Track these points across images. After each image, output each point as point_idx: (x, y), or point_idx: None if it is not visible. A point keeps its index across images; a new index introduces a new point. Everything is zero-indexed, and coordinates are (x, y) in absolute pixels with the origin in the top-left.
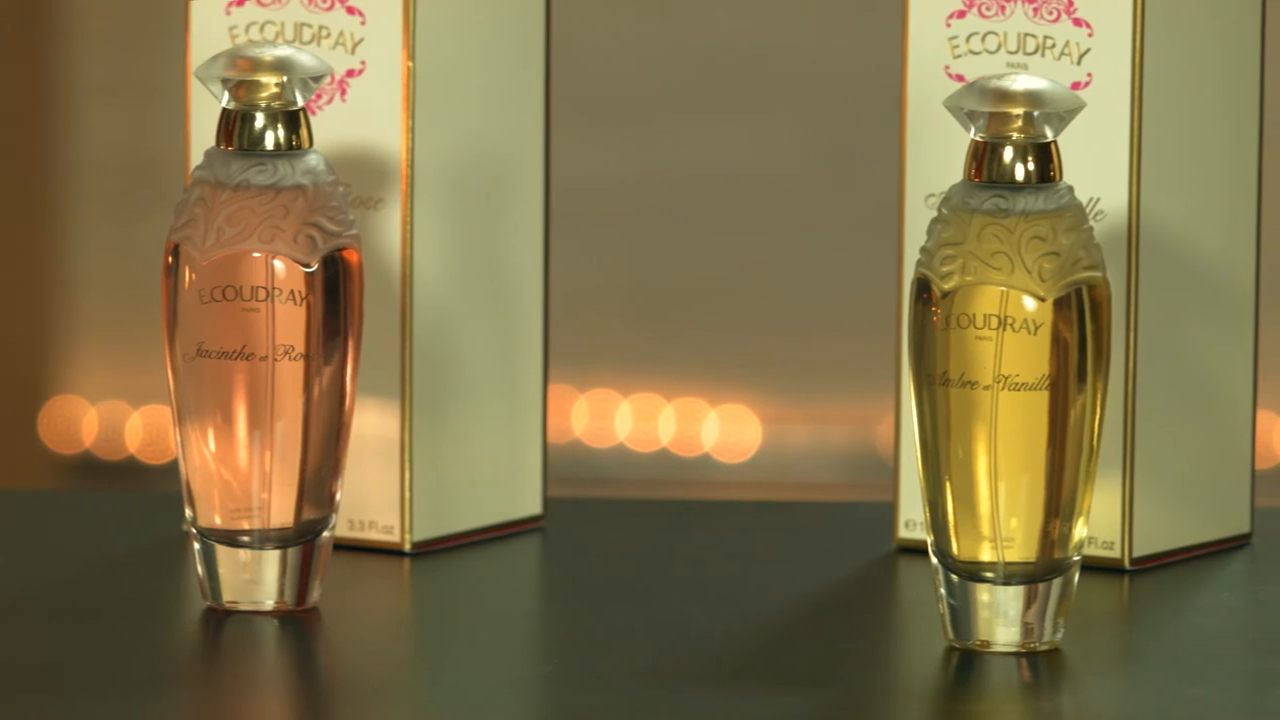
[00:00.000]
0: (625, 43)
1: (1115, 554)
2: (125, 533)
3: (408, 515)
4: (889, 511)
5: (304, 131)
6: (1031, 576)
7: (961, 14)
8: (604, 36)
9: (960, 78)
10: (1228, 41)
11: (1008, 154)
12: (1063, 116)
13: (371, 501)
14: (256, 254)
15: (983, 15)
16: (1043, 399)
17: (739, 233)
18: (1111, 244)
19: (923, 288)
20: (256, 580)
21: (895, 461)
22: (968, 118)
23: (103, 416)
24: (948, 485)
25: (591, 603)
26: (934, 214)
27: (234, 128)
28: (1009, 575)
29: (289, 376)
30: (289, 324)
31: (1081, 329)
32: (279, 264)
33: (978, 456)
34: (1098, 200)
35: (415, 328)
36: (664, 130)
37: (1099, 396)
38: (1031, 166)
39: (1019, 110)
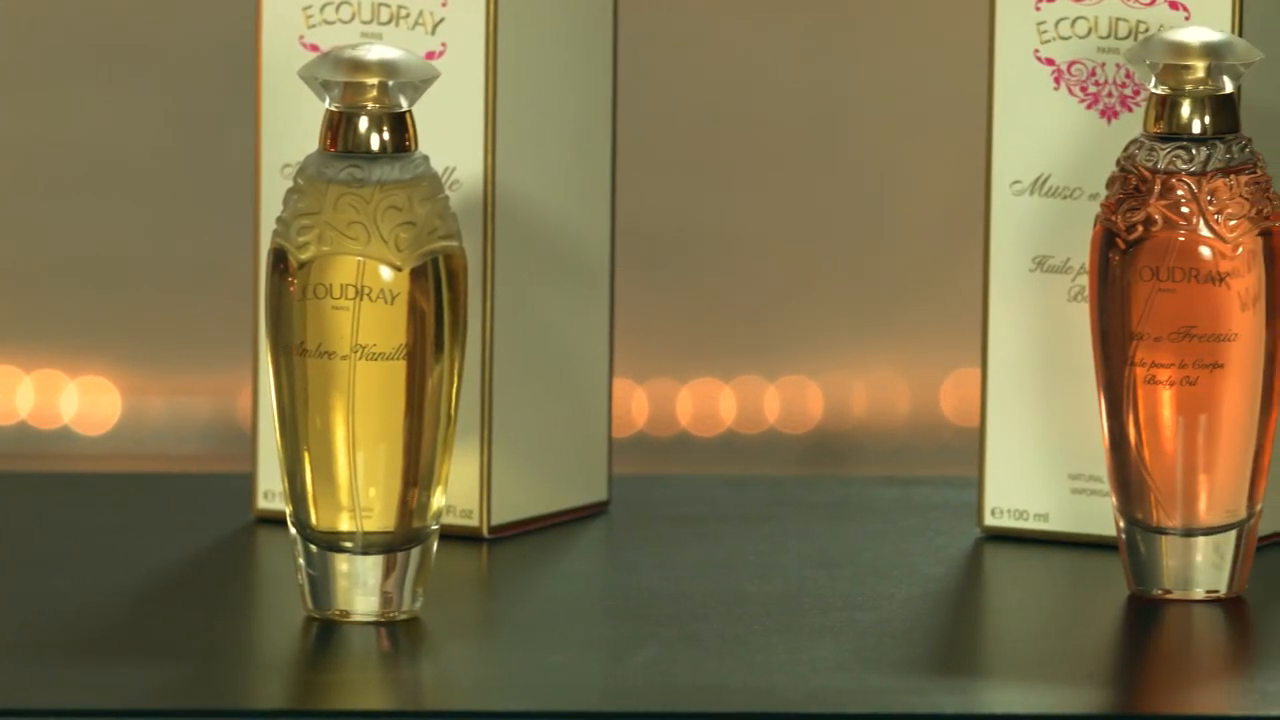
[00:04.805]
0: None
1: (474, 522)
2: None
3: None
4: (249, 482)
5: None
6: (390, 545)
7: None
8: None
9: (315, 47)
10: (581, 12)
11: (363, 124)
12: (417, 86)
13: None
14: None
15: None
16: (400, 368)
17: (97, 203)
18: (467, 213)
19: (279, 258)
20: None
21: (254, 432)
22: (322, 88)
23: None
24: (306, 455)
25: None
26: (290, 184)
27: None
28: (368, 545)
29: None
30: None
31: (438, 298)
32: None
33: (336, 426)
34: (453, 170)
35: None
36: (31, 101)
37: (456, 365)
38: (387, 136)
39: (373, 80)
